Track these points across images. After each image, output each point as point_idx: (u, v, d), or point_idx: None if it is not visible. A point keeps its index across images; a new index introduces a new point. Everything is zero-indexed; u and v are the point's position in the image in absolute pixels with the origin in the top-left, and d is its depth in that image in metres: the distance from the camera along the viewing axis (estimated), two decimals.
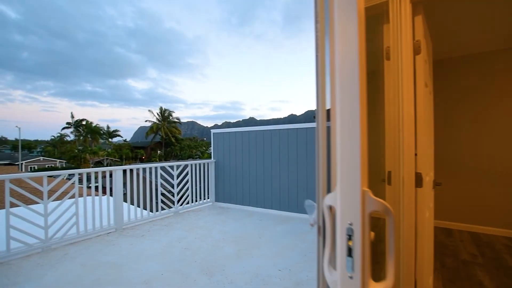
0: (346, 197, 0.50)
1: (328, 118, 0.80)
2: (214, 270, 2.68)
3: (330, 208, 0.58)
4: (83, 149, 41.43)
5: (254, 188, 5.19)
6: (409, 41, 1.40)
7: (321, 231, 0.70)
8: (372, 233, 0.49)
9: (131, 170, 4.50)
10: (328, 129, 0.80)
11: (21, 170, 28.80)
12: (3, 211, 2.95)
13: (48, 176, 3.31)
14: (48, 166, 37.82)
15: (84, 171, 3.81)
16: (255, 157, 5.20)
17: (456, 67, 3.84)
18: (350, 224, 0.48)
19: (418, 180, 1.44)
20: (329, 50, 0.70)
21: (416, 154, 1.46)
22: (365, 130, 0.52)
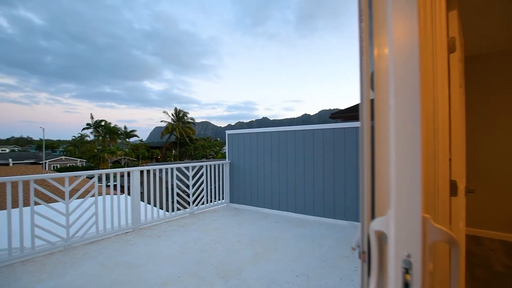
0: (402, 224, 0.43)
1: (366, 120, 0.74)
2: (231, 274, 2.64)
3: (377, 232, 0.52)
4: (102, 149, 42.87)
5: (269, 189, 5.13)
6: (443, 38, 1.30)
7: (366, 258, 0.64)
8: (431, 265, 0.43)
9: (148, 170, 4.56)
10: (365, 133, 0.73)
11: (45, 168, 30.20)
12: (26, 209, 3.05)
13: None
14: (69, 165, 39.41)
15: (103, 171, 3.89)
16: (270, 158, 5.14)
17: (488, 64, 3.61)
18: (408, 256, 0.42)
19: (453, 189, 1.33)
20: (373, 52, 0.64)
21: (450, 159, 1.35)
22: (427, 142, 0.45)
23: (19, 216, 2.99)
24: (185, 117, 52.25)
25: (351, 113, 8.52)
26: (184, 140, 49.86)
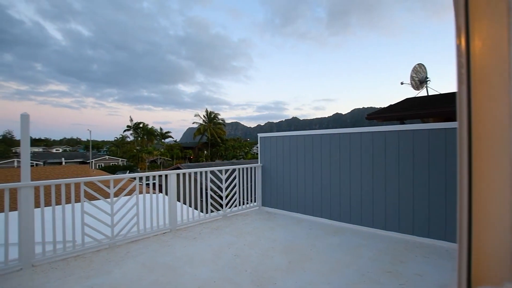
0: None
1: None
2: (265, 282, 2.61)
3: None
4: (140, 149, 45.74)
5: (302, 194, 5.01)
6: None
7: None
8: None
9: (184, 173, 4.72)
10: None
11: (91, 167, 33.18)
12: (73, 206, 3.32)
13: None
14: (112, 164, 42.70)
15: (143, 174, 4.11)
16: (303, 162, 5.01)
17: None
18: None
19: None
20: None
21: None
22: None
23: (72, 215, 3.27)
24: (216, 118, 53.66)
25: (389, 114, 8.01)
26: (215, 141, 51.22)
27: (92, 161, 36.17)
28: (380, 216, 4.02)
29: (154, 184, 4.36)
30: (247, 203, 5.57)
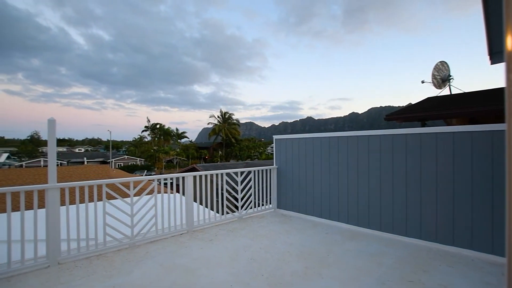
0: None
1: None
2: None
3: None
4: (158, 149, 46.92)
5: (318, 197, 4.93)
6: None
7: None
8: None
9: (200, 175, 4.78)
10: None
11: (111, 167, 34.46)
12: (99, 205, 3.44)
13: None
14: (130, 163, 44.07)
15: (161, 177, 4.20)
16: (319, 164, 4.93)
17: None
18: None
19: None
20: None
21: None
22: None
23: (94, 214, 3.40)
24: (231, 119, 54.07)
25: (409, 114, 7.72)
26: (229, 141, 51.63)
27: (112, 161, 37.57)
28: (400, 222, 3.88)
29: (171, 183, 4.49)
30: (262, 205, 5.56)
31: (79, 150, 70.09)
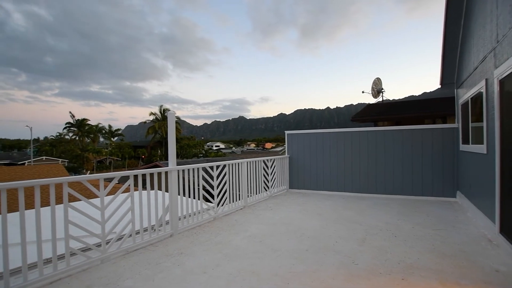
0: None
1: None
2: (352, 221, 4.17)
3: None
4: (87, 149, 41.44)
5: (328, 175, 6.71)
6: None
7: None
8: None
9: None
10: None
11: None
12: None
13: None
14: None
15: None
16: (327, 152, 6.72)
17: None
18: None
19: None
20: None
21: None
22: None
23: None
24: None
25: (366, 117, 10.38)
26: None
27: (32, 162, 31.39)
28: (389, 185, 5.99)
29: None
30: (279, 186, 7.00)
31: None
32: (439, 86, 6.04)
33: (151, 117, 50.12)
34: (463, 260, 2.78)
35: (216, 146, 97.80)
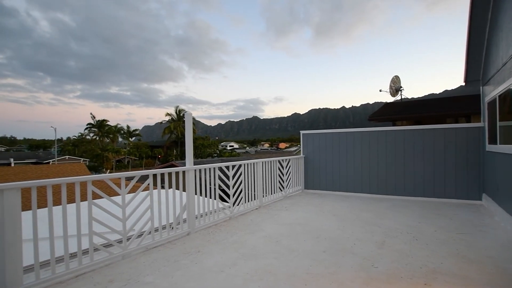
0: None
1: None
2: (369, 224, 4.06)
3: None
4: (105, 148, 43.00)
5: (344, 176, 6.58)
6: None
7: None
8: None
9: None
10: None
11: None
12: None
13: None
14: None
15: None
16: (344, 152, 6.59)
17: None
18: None
19: None
20: None
21: None
22: None
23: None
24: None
25: (384, 116, 10.09)
26: (184, 139, 50.45)
27: (56, 161, 33.04)
28: (407, 186, 5.79)
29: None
30: (294, 187, 6.94)
31: None
32: (462, 84, 5.76)
33: (167, 118, 51.26)
34: (490, 267, 2.64)
35: (230, 146, 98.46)
